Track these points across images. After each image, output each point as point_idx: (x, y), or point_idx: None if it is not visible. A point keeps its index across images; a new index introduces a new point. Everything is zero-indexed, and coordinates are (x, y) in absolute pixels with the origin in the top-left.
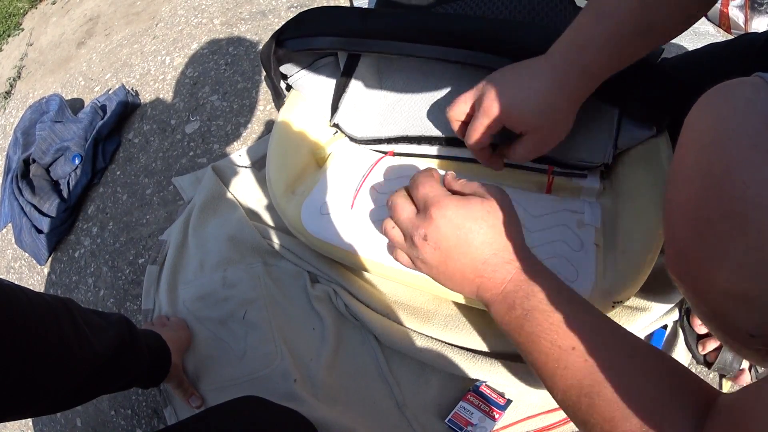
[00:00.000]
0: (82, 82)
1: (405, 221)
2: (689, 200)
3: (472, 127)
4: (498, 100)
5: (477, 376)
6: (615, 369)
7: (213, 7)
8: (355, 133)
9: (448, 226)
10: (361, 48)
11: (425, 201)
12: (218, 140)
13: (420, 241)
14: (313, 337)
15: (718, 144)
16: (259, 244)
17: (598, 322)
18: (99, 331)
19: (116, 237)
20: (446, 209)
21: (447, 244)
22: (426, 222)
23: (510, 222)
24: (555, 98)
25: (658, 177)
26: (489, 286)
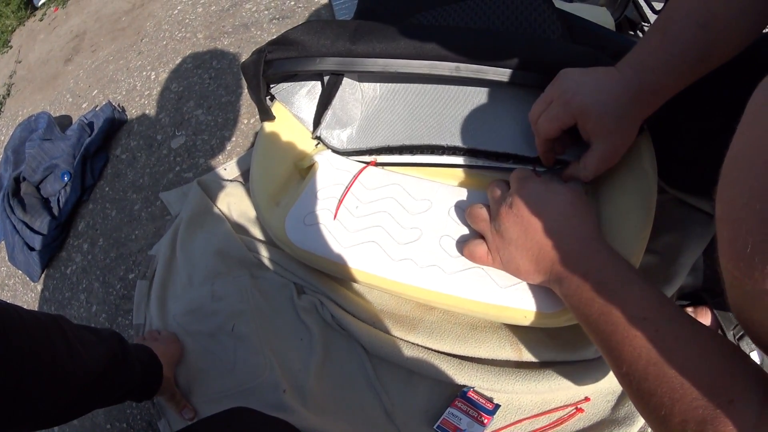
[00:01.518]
0: (70, 99)
1: (496, 198)
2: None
3: (546, 117)
4: (578, 95)
5: (464, 381)
6: (685, 340)
7: (196, 21)
8: (338, 146)
9: (531, 197)
10: (350, 69)
11: (515, 181)
12: (204, 154)
13: (505, 209)
14: (301, 348)
15: None
16: (245, 256)
17: (666, 299)
18: (90, 346)
19: (106, 253)
20: (532, 183)
21: (529, 214)
22: (514, 193)
23: (586, 209)
24: (630, 109)
25: (638, 179)
26: (562, 258)
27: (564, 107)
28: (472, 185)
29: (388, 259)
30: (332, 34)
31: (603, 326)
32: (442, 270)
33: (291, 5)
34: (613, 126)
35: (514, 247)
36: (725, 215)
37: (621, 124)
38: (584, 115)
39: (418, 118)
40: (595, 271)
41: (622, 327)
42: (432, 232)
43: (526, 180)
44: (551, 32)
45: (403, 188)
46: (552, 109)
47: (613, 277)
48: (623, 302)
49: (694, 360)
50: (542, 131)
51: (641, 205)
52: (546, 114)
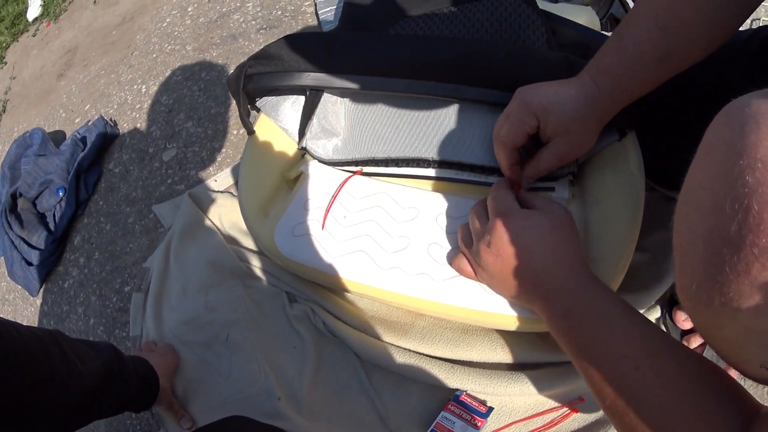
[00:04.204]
0: (63, 114)
1: (476, 228)
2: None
3: (509, 123)
4: (536, 96)
5: (456, 385)
6: (664, 376)
7: (185, 33)
8: (324, 156)
9: (510, 236)
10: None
11: (494, 211)
12: (195, 166)
13: (484, 247)
14: (294, 356)
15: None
16: (237, 267)
17: (650, 332)
18: (87, 359)
19: (102, 266)
20: (510, 220)
21: (508, 252)
22: (491, 230)
23: (569, 236)
24: (586, 112)
25: (625, 181)
26: (545, 295)
27: (525, 110)
28: (460, 192)
29: (377, 268)
30: (310, 48)
31: (586, 361)
32: (430, 278)
33: (278, 15)
34: (570, 126)
35: (495, 280)
36: (676, 247)
37: (578, 125)
38: (545, 113)
39: (402, 129)
40: (577, 306)
41: (603, 364)
42: (420, 240)
43: (504, 215)
44: (535, 38)
45: (389, 197)
46: (513, 115)
47: (595, 313)
48: (605, 339)
49: (674, 397)
50: (508, 140)
51: (629, 206)
52: (508, 122)
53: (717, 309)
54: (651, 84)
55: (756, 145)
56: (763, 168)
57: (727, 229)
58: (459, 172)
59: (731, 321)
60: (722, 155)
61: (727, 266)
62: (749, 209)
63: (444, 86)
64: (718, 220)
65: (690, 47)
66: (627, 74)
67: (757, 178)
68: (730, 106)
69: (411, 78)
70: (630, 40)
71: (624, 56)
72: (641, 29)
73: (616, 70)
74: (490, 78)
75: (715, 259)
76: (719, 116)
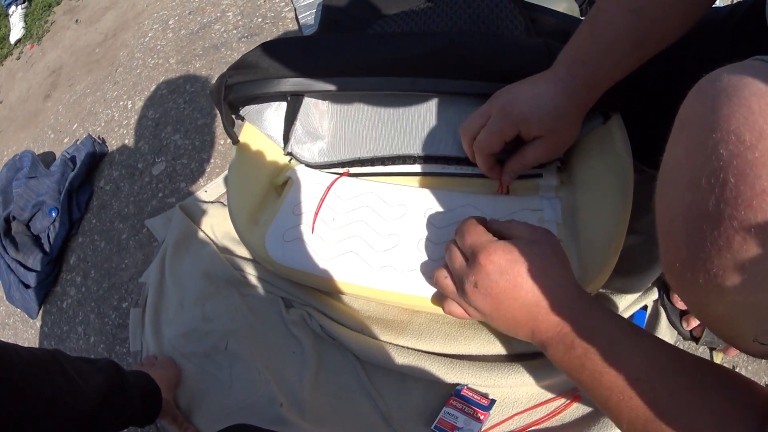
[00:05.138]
0: (52, 135)
1: (457, 270)
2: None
3: (487, 131)
4: (516, 105)
5: (456, 380)
6: (678, 393)
7: (168, 46)
8: (310, 160)
9: (497, 272)
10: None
11: (472, 249)
12: (184, 178)
13: (471, 288)
14: (294, 361)
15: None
16: (232, 276)
17: (657, 349)
18: (88, 377)
19: (99, 284)
20: (494, 255)
21: (497, 289)
22: (475, 269)
23: (559, 262)
24: (567, 106)
25: (613, 163)
26: (544, 329)
27: (505, 119)
28: (447, 186)
29: (369, 267)
30: (287, 53)
31: (597, 390)
32: (422, 274)
33: (258, 22)
34: (552, 125)
35: (490, 318)
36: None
37: (561, 123)
38: (526, 122)
39: (385, 127)
40: (579, 338)
41: (616, 390)
42: (410, 237)
43: (485, 251)
44: (513, 27)
45: (377, 196)
46: (492, 123)
47: (599, 341)
48: (613, 366)
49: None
50: (485, 146)
51: (618, 189)
52: (487, 128)
53: (703, 286)
54: (628, 68)
55: (728, 118)
56: (736, 140)
57: (705, 204)
58: (445, 166)
59: (718, 297)
60: (696, 130)
61: (708, 242)
62: (726, 183)
63: (423, 81)
64: (696, 196)
65: (664, 29)
66: (603, 61)
67: (731, 151)
68: (701, 81)
69: (389, 75)
70: (603, 27)
71: (598, 43)
72: (614, 14)
73: (591, 58)
74: (468, 69)
75: (695, 235)
76: (692, 92)
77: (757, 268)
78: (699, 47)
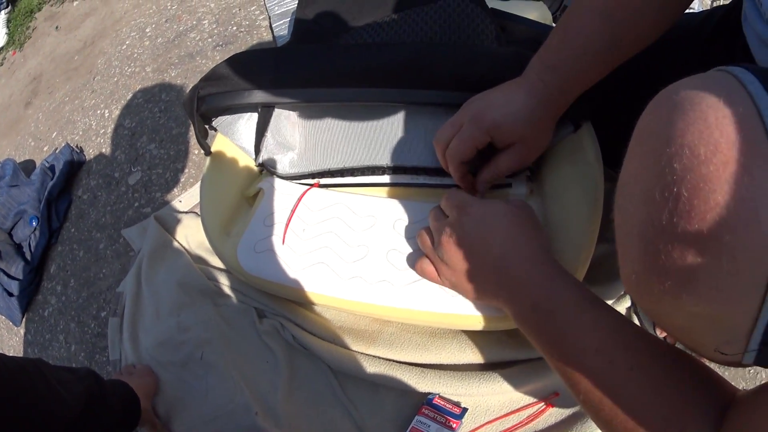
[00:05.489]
0: (32, 143)
1: (435, 226)
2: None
3: (459, 139)
4: (488, 112)
5: (428, 389)
6: (638, 370)
7: (144, 54)
8: (281, 171)
9: (471, 223)
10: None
11: (452, 206)
12: (159, 188)
13: (446, 239)
14: (267, 370)
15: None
16: (206, 286)
17: (621, 324)
18: (69, 386)
19: (78, 293)
20: (470, 207)
21: (470, 240)
22: (452, 221)
23: (531, 224)
24: (539, 112)
25: (583, 172)
26: (510, 285)
27: (477, 127)
28: (416, 197)
29: (338, 278)
30: (257, 65)
31: (557, 356)
32: (391, 284)
33: (233, 31)
34: (525, 132)
35: (459, 274)
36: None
37: (533, 130)
38: (498, 129)
39: (355, 138)
40: (544, 300)
41: (575, 358)
42: (379, 248)
43: (464, 206)
44: (484, 36)
45: (347, 206)
46: (464, 131)
47: (563, 306)
48: (575, 334)
49: (647, 391)
50: (457, 154)
51: (588, 198)
52: (459, 136)
53: (659, 297)
54: (600, 73)
55: (683, 132)
56: (690, 154)
57: (659, 218)
58: (414, 177)
59: (676, 309)
60: (651, 144)
61: (662, 255)
62: (679, 197)
63: (391, 92)
64: (650, 210)
65: (637, 34)
66: (575, 67)
67: (685, 165)
68: (659, 95)
69: (358, 86)
70: (575, 32)
71: (570, 49)
72: (586, 19)
73: (563, 64)
74: (437, 79)
75: (650, 248)
76: (649, 105)
77: (712, 281)
78: (675, 53)
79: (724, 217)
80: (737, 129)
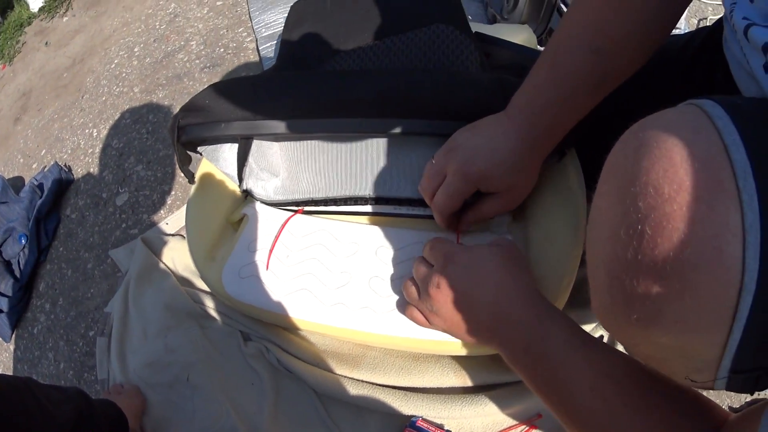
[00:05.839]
0: (21, 160)
1: (421, 276)
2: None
3: (446, 194)
4: (474, 163)
5: (411, 412)
6: (632, 406)
7: (132, 74)
8: (265, 198)
9: (459, 272)
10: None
11: (437, 256)
12: (146, 210)
13: (434, 290)
14: (253, 392)
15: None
16: (192, 309)
17: (614, 361)
18: (59, 405)
19: (67, 312)
20: (456, 256)
21: (458, 289)
22: (438, 271)
23: (519, 265)
24: (527, 157)
25: (565, 198)
26: (502, 329)
27: (464, 180)
28: (399, 224)
29: (321, 304)
30: (236, 95)
31: (551, 395)
32: (373, 311)
33: (221, 53)
34: (512, 181)
35: (450, 323)
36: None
37: (521, 176)
38: (485, 180)
39: (338, 169)
40: (536, 341)
41: (569, 397)
42: (361, 275)
43: (450, 255)
44: (469, 62)
45: (330, 233)
46: (450, 184)
47: (555, 346)
48: (568, 373)
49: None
50: (444, 208)
51: (570, 224)
52: (445, 190)
53: (627, 329)
54: (587, 109)
55: (648, 170)
56: (654, 193)
57: (624, 254)
58: (397, 207)
59: (644, 339)
60: (617, 182)
61: (628, 290)
62: (643, 234)
63: (372, 122)
64: (616, 246)
65: (624, 65)
66: (565, 105)
67: (649, 203)
68: (626, 132)
69: (337, 117)
70: (565, 71)
71: (561, 89)
72: (575, 56)
73: (552, 104)
74: (418, 108)
75: (616, 283)
76: (617, 143)
77: (677, 315)
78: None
79: (687, 254)
80: (702, 167)
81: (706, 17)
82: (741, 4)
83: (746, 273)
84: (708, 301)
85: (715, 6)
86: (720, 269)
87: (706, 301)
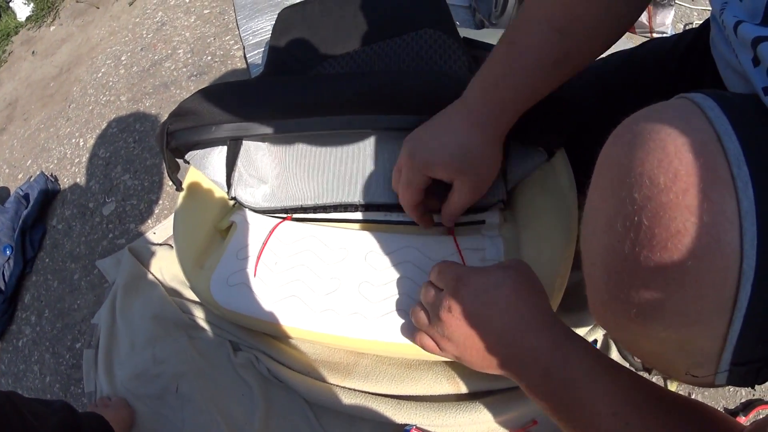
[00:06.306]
0: (7, 170)
1: (430, 300)
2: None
3: (403, 186)
4: (418, 152)
5: (405, 420)
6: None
7: (119, 83)
8: (254, 205)
9: (471, 295)
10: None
11: (447, 279)
12: (133, 219)
13: (445, 314)
14: (243, 403)
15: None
16: (180, 319)
17: (634, 384)
18: (43, 419)
19: (53, 324)
20: (468, 279)
21: (472, 313)
22: (450, 295)
23: (533, 287)
24: (476, 139)
25: (557, 199)
26: (517, 355)
27: (411, 169)
28: (388, 229)
29: (310, 311)
30: (224, 98)
31: (571, 422)
32: (364, 317)
33: (208, 60)
34: (459, 166)
35: (463, 348)
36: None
37: (471, 161)
38: (430, 167)
39: (327, 175)
40: (557, 367)
41: (591, 422)
42: (350, 280)
43: (461, 277)
44: (457, 67)
45: (318, 239)
46: (404, 175)
47: (576, 372)
48: (591, 398)
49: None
50: (404, 201)
51: (562, 225)
52: (402, 183)
53: (626, 325)
54: (549, 88)
55: (642, 161)
56: (650, 183)
57: (621, 247)
58: (388, 214)
59: (644, 335)
60: (612, 174)
61: (626, 284)
62: (640, 226)
63: (359, 119)
64: (612, 239)
65: (588, 47)
66: (523, 82)
67: (645, 194)
68: (619, 126)
69: (322, 115)
70: (525, 46)
71: (519, 65)
72: (536, 34)
73: (505, 80)
74: (403, 104)
75: (614, 278)
76: (610, 137)
77: (678, 307)
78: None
79: (686, 243)
80: (696, 156)
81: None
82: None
83: (744, 260)
84: (708, 291)
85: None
86: (718, 257)
87: (706, 290)
